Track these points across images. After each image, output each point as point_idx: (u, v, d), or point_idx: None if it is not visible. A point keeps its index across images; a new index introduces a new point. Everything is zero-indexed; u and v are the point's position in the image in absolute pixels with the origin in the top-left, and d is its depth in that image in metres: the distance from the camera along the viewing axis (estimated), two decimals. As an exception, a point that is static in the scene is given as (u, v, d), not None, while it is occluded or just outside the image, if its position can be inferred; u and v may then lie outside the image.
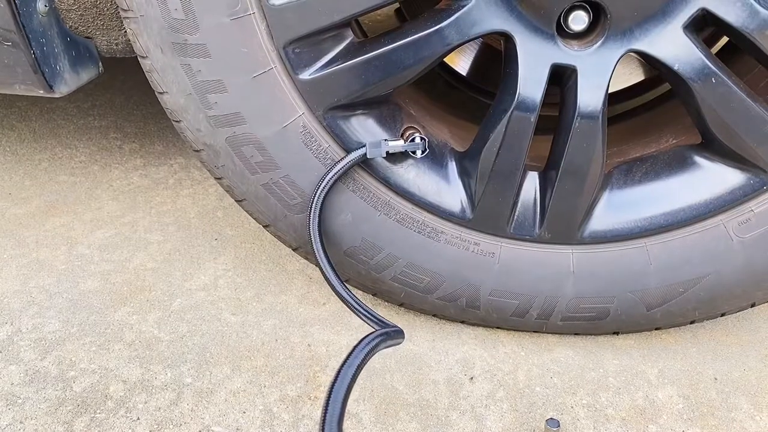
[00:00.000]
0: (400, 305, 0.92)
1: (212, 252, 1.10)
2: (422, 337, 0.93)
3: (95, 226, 1.15)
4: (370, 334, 0.59)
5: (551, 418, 0.77)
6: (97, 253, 1.08)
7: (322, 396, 0.82)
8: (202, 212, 1.21)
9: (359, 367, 0.53)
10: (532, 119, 0.77)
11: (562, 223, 0.83)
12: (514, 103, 0.76)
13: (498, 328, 0.93)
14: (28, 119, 1.53)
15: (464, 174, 0.84)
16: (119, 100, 1.68)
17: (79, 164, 1.35)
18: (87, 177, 1.31)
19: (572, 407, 0.82)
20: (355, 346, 0.55)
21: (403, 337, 0.66)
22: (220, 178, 0.85)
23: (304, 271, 1.06)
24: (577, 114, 0.76)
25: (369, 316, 0.81)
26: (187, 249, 1.10)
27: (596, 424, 0.79)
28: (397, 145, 0.80)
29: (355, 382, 0.52)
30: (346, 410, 0.49)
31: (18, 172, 1.31)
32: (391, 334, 0.61)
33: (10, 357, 0.87)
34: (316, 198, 0.80)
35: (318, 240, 0.82)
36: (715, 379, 0.87)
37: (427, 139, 0.81)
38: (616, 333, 0.91)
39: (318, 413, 0.79)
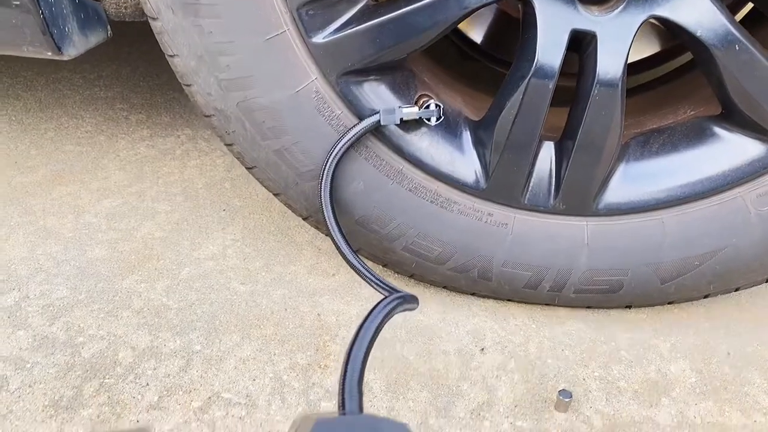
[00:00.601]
0: (411, 276, 0.91)
1: (220, 222, 1.09)
2: (432, 309, 0.92)
3: (102, 195, 1.14)
4: (387, 297, 0.58)
5: (563, 390, 0.76)
6: (105, 222, 1.07)
7: (333, 365, 0.81)
8: (210, 183, 1.20)
9: (378, 329, 0.52)
10: (550, 86, 0.75)
11: (577, 195, 0.82)
12: (532, 69, 0.75)
13: (509, 300, 0.92)
14: (33, 89, 1.52)
15: (478, 143, 0.83)
16: (125, 71, 1.66)
17: (85, 134, 1.34)
18: (93, 147, 1.29)
19: (584, 379, 0.81)
20: (373, 308, 0.54)
21: (417, 303, 0.65)
22: (230, 145, 0.83)
23: (313, 243, 1.05)
24: (596, 81, 0.75)
25: (380, 284, 0.80)
26: (195, 219, 1.09)
27: (608, 396, 0.79)
28: (412, 111, 0.78)
29: (374, 342, 0.51)
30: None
31: (24, 141, 1.30)
32: (407, 299, 0.60)
33: (18, 322, 0.86)
34: (327, 165, 0.79)
35: (329, 208, 0.81)
36: (728, 353, 0.86)
37: (441, 106, 0.80)
38: (629, 307, 0.90)
39: (329, 381, 0.79)
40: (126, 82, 1.59)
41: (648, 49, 1.19)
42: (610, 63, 0.74)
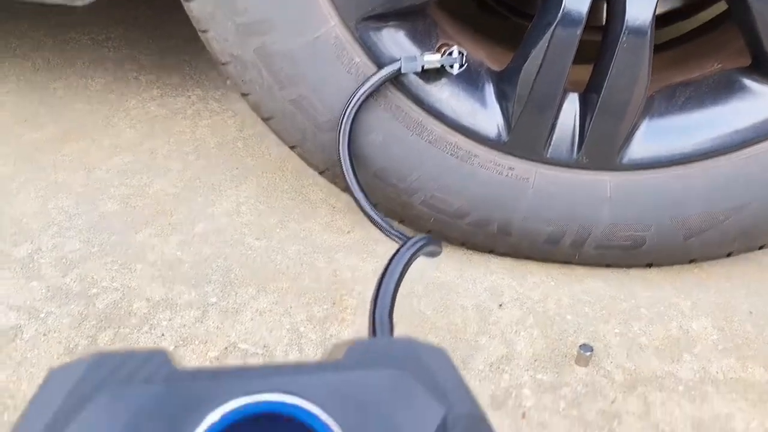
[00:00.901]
0: (428, 232, 0.90)
1: (233, 180, 1.07)
2: (450, 266, 0.91)
3: (113, 152, 1.13)
4: (414, 237, 0.56)
5: (584, 344, 0.75)
6: (116, 178, 1.06)
7: (350, 318, 0.80)
8: (222, 142, 1.18)
9: (407, 264, 0.51)
10: (577, 34, 0.73)
11: (601, 148, 0.80)
12: (559, 16, 0.73)
13: (528, 258, 0.90)
14: (41, 49, 1.49)
15: (501, 95, 0.81)
16: (134, 34, 1.64)
17: (94, 93, 1.32)
18: (103, 106, 1.28)
19: (604, 335, 0.80)
20: (402, 245, 0.53)
21: (441, 249, 0.64)
22: (246, 94, 0.82)
23: (327, 201, 1.04)
24: (624, 29, 0.72)
25: (399, 236, 0.79)
26: (207, 177, 1.08)
27: (629, 352, 0.78)
28: (433, 59, 0.76)
29: (403, 277, 0.50)
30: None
31: (33, 99, 1.28)
32: (433, 240, 0.58)
33: (32, 274, 0.85)
34: (346, 115, 0.78)
35: (347, 160, 0.79)
36: (750, 312, 0.85)
37: (464, 53, 0.78)
38: (649, 265, 0.89)
39: (347, 333, 0.78)
40: (135, 44, 1.57)
41: (675, 1, 1.17)
42: (639, 9, 0.72)
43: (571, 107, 0.80)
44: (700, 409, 0.71)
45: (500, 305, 0.84)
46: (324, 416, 0.34)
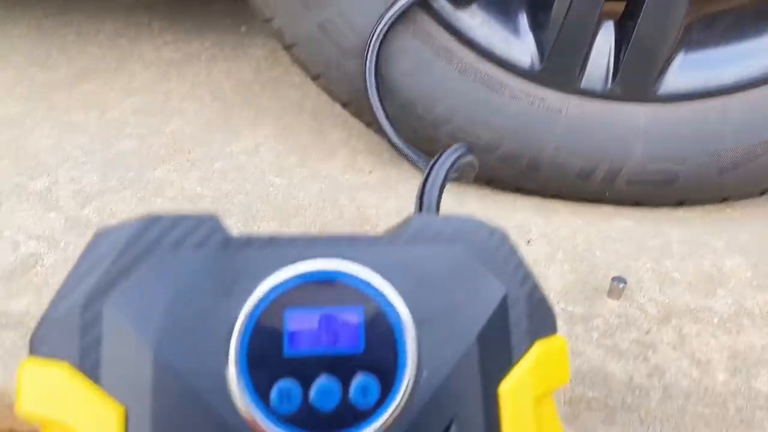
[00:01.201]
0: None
1: (251, 122, 1.05)
2: (475, 204, 0.89)
3: (127, 93, 1.10)
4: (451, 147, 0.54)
5: (617, 276, 0.74)
6: (132, 118, 1.04)
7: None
8: (238, 85, 1.16)
9: (449, 170, 0.49)
10: (617, -48, 0.70)
11: (636, 79, 0.78)
12: (598, -66, 0.70)
13: (556, 196, 0.88)
14: (50, -4, 1.46)
15: (534, 23, 0.78)
16: (144, -17, 1.60)
17: (106, 38, 1.29)
18: (116, 50, 1.25)
19: (636, 271, 0.78)
20: (443, 152, 0.50)
21: (477, 165, 0.61)
22: (270, 20, 0.79)
23: (347, 142, 1.01)
24: (666, -52, 0.70)
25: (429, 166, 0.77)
26: (224, 118, 1.06)
27: (662, 286, 0.76)
28: (466, -19, 0.74)
29: (445, 186, 0.48)
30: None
31: (44, 43, 1.26)
32: (472, 151, 0.56)
33: (50, 205, 0.83)
34: (374, 39, 0.75)
35: (374, 86, 0.77)
36: (784, 251, 0.83)
37: (499, -26, 0.75)
38: (680, 204, 0.87)
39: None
40: (145, -7, 1.53)
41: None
42: (683, -74, 0.69)
43: (606, 36, 0.78)
44: (735, 341, 0.70)
45: (528, 242, 0.82)
46: (383, 285, 0.32)
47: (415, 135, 0.83)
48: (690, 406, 0.63)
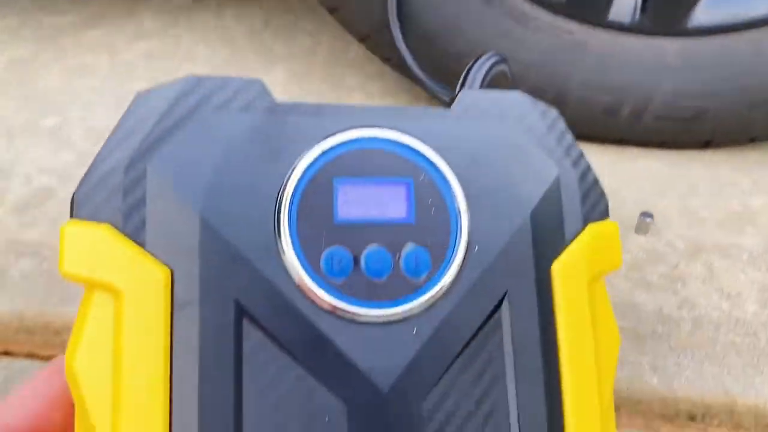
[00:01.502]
0: (475, 108, 0.85)
1: (263, 66, 1.03)
2: (495, 145, 0.87)
3: (137, 37, 1.08)
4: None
5: (645, 212, 0.72)
6: (142, 61, 1.01)
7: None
8: (249, 31, 1.13)
9: (486, 74, 0.47)
10: None
11: (665, 11, 0.75)
12: None
13: (581, 135, 0.85)
14: (54, -55, 1.43)
15: (560, -49, 0.75)
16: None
17: (113, -14, 1.26)
18: (123, -3, 1.22)
19: (663, 208, 0.77)
20: (478, 57, 0.48)
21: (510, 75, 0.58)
22: (288, -52, 0.76)
23: (363, 87, 0.99)
24: None
25: (450, 95, 0.75)
26: (236, 62, 1.03)
27: (690, 224, 0.75)
28: None
29: (487, 79, 0.46)
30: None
31: (49, -10, 1.23)
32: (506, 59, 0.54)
33: (61, 142, 0.81)
34: (397, -34, 0.72)
35: (395, 16, 0.74)
36: (813, 191, 0.81)
37: None
38: (707, 145, 0.85)
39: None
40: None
41: None
42: None
43: (636, -35, 0.75)
44: (766, 276, 0.68)
45: (551, 180, 0.80)
46: (435, 157, 0.30)
47: (435, 69, 0.81)
48: (721, 336, 0.62)
